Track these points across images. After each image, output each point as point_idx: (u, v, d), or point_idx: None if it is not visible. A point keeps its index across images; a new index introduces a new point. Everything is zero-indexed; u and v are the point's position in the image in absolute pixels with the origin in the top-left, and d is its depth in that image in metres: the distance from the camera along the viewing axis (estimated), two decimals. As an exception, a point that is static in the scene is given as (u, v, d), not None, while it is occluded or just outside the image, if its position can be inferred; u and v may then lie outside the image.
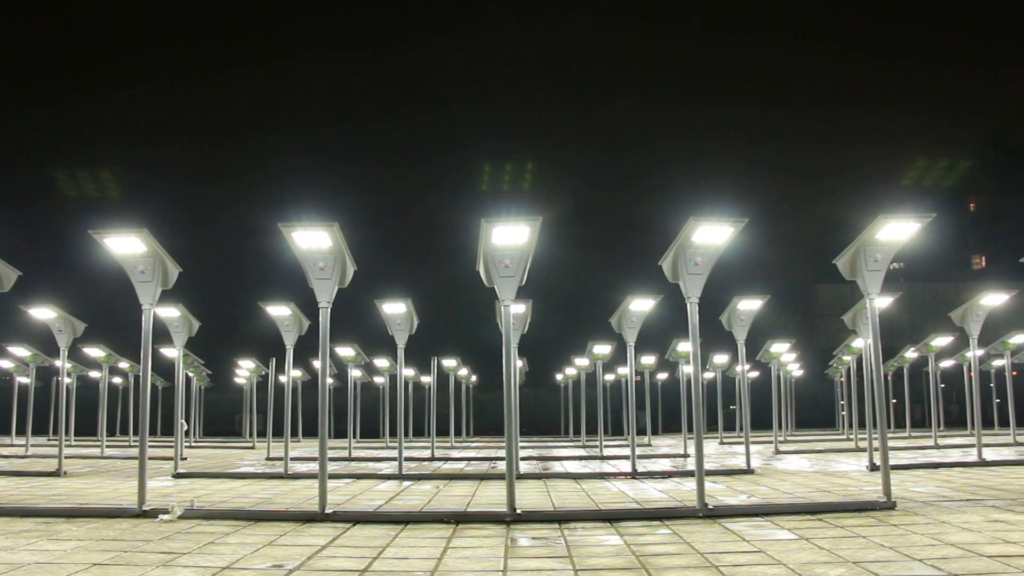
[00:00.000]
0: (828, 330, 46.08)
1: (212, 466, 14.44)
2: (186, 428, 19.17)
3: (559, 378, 28.56)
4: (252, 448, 21.32)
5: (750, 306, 11.80)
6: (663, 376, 27.41)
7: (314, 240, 7.44)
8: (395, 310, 11.50)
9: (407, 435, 23.72)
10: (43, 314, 11.71)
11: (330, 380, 21.20)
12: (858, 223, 8.04)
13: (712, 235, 7.47)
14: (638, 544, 5.83)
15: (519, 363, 17.96)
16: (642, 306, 11.28)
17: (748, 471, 11.72)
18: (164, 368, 22.73)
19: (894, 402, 26.73)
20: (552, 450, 19.33)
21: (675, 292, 7.90)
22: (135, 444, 20.82)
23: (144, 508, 7.34)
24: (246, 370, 23.63)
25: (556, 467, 13.51)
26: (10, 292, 8.58)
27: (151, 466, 9.99)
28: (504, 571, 5.03)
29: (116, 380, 26.47)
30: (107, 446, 19.21)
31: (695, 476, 7.38)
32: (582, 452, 17.94)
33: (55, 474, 11.97)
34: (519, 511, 7.09)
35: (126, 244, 7.63)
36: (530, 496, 9.02)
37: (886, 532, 6.13)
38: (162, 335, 12.18)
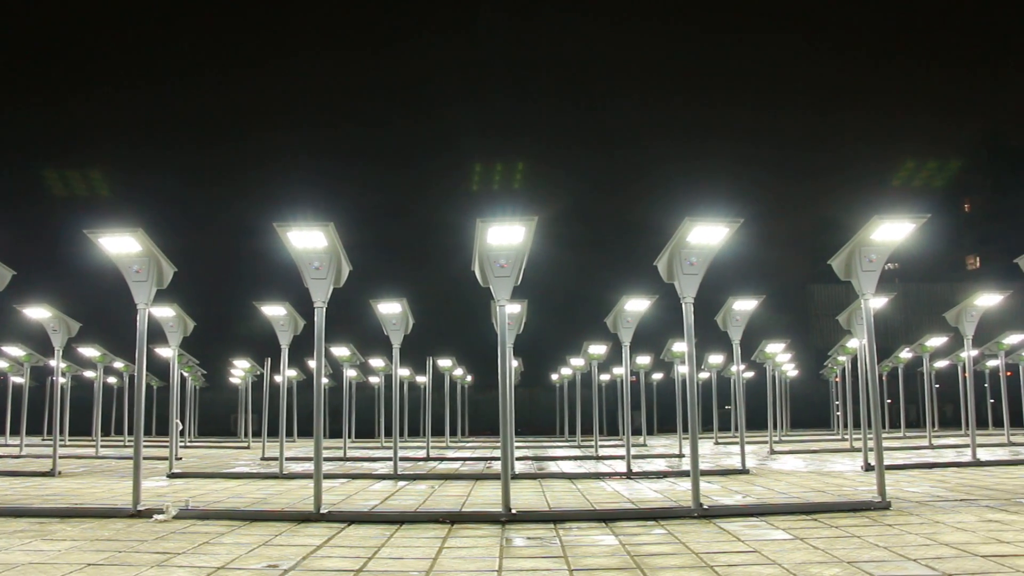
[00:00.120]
0: (823, 330, 46.23)
1: (207, 466, 14.42)
2: (181, 428, 19.13)
3: (554, 378, 28.57)
4: (247, 448, 21.30)
5: (745, 306, 11.82)
6: (658, 376, 27.42)
7: (309, 240, 7.43)
8: (390, 310, 11.49)
9: (402, 435, 23.66)
10: (38, 314, 11.67)
11: (325, 380, 21.22)
12: (853, 223, 8.06)
13: (707, 235, 7.49)
14: (633, 544, 5.83)
15: (514, 363, 17.99)
16: (637, 306, 11.29)
17: (743, 471, 11.74)
18: (159, 368, 22.63)
19: (889, 402, 26.75)
20: (547, 450, 19.33)
21: (670, 292, 7.91)
22: (130, 444, 20.82)
23: (139, 508, 7.33)
24: (241, 370, 23.65)
25: (551, 467, 13.51)
26: (4, 292, 8.57)
27: (146, 466, 9.99)
28: (499, 571, 5.03)
29: (111, 380, 26.44)
30: (102, 446, 19.16)
31: (690, 476, 7.40)
32: (577, 452, 17.94)
33: (50, 474, 11.94)
34: (514, 511, 7.09)
35: (121, 244, 7.62)
36: (525, 496, 9.02)
37: (881, 532, 6.14)
38: (157, 335, 12.15)
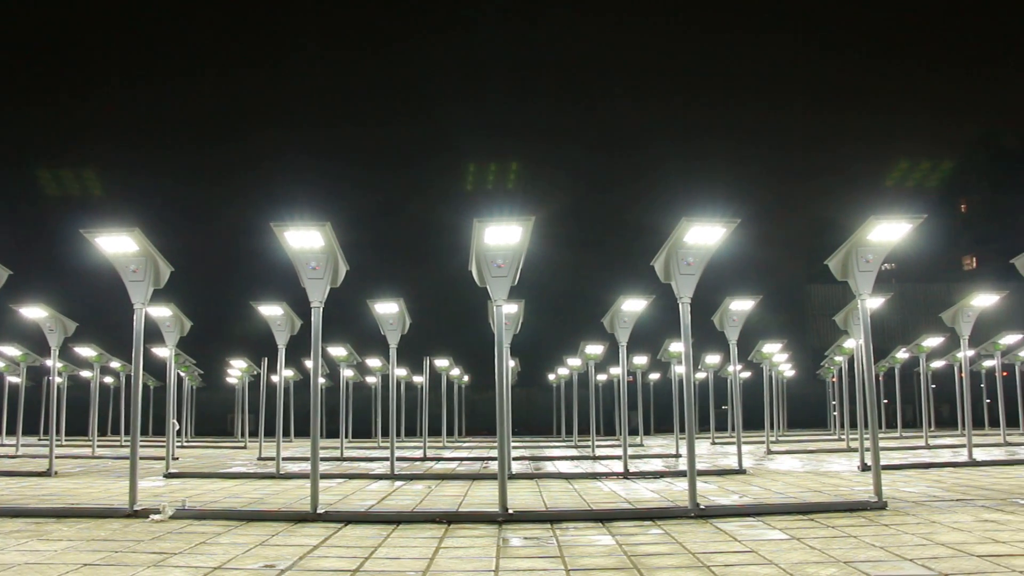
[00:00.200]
0: (820, 330, 46.26)
1: (204, 466, 14.41)
2: (178, 428, 19.09)
3: (551, 378, 28.58)
4: (244, 448, 21.29)
5: (742, 306, 11.84)
6: (655, 376, 27.45)
7: (306, 240, 7.43)
8: (387, 310, 11.50)
9: (399, 435, 23.67)
10: (34, 313, 11.66)
11: (322, 380, 21.20)
12: (850, 224, 8.07)
13: (704, 235, 7.49)
14: (630, 544, 5.84)
15: (511, 363, 17.98)
16: (634, 306, 11.30)
17: (740, 471, 11.75)
18: (156, 368, 22.67)
19: (885, 402, 26.79)
20: (544, 450, 19.34)
21: (667, 292, 7.91)
22: (126, 444, 20.78)
23: (135, 508, 7.32)
24: (238, 370, 23.62)
25: (548, 467, 13.52)
26: (1, 291, 8.57)
27: (142, 466, 9.98)
28: (496, 571, 5.03)
29: (107, 380, 26.42)
30: (98, 446, 19.14)
31: (687, 476, 7.40)
32: (574, 452, 17.94)
33: (46, 474, 11.93)
34: (511, 511, 7.09)
35: (118, 243, 7.61)
36: (522, 496, 9.02)
37: (877, 532, 6.15)
38: (154, 335, 12.14)
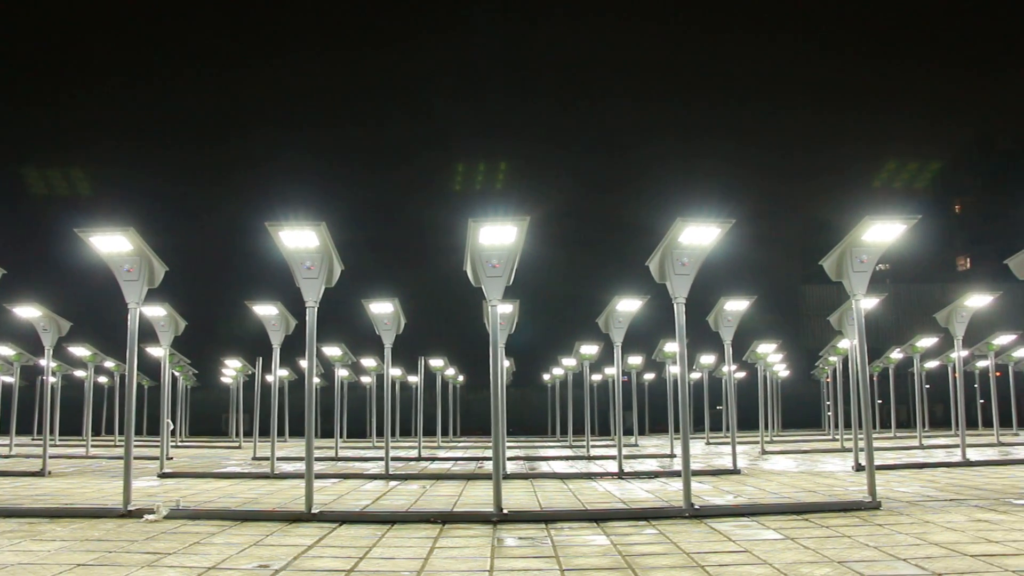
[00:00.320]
0: (814, 331, 46.30)
1: (198, 466, 14.39)
2: (172, 428, 19.07)
3: (546, 378, 28.57)
4: (238, 448, 21.25)
5: (737, 307, 11.84)
6: (650, 376, 27.47)
7: (301, 239, 7.42)
8: (382, 310, 11.49)
9: (394, 435, 23.64)
10: (28, 313, 11.63)
11: (317, 380, 21.14)
12: (844, 224, 8.08)
13: (699, 236, 7.50)
14: (625, 544, 5.84)
15: (506, 363, 17.97)
16: (629, 306, 11.30)
17: (734, 471, 11.76)
18: (150, 367, 22.64)
19: (879, 403, 26.85)
20: (539, 450, 19.34)
21: (662, 292, 7.92)
22: (120, 444, 20.71)
23: (129, 508, 7.31)
24: (232, 369, 23.53)
25: (543, 467, 13.52)
26: (-5, 290, 8.54)
27: (137, 466, 9.94)
28: (490, 571, 5.03)
29: (101, 379, 26.33)
30: (92, 446, 19.11)
31: (681, 476, 7.41)
32: (569, 452, 17.95)
33: (39, 474, 11.90)
34: (506, 511, 7.09)
35: (112, 243, 7.59)
36: (517, 496, 9.02)
37: (871, 532, 6.16)
38: (148, 334, 12.13)
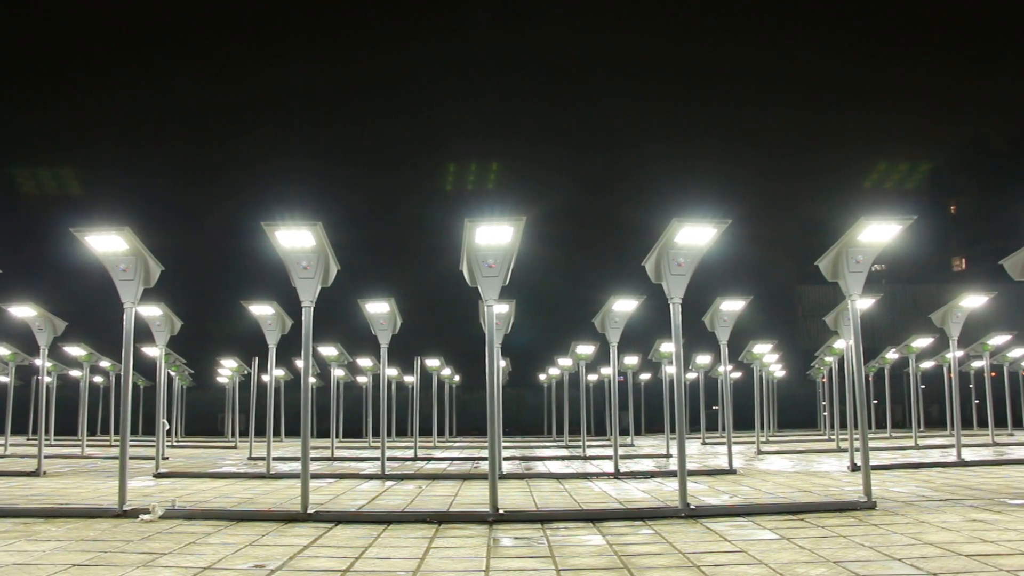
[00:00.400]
0: (810, 331, 46.38)
1: (194, 466, 14.37)
2: (168, 427, 19.04)
3: (542, 378, 28.59)
4: (234, 448, 21.24)
5: (733, 307, 11.85)
6: (646, 376, 27.46)
7: (297, 239, 7.41)
8: (378, 310, 11.48)
9: (390, 435, 23.59)
10: (23, 312, 11.60)
11: (313, 380, 21.14)
12: (840, 225, 8.09)
13: (695, 236, 7.50)
14: (620, 544, 5.84)
15: (502, 363, 17.98)
16: (625, 307, 11.30)
17: (730, 471, 11.76)
18: (146, 367, 22.53)
19: (875, 403, 26.87)
20: (535, 450, 19.34)
21: (658, 293, 7.92)
22: (116, 444, 20.71)
23: (125, 508, 7.29)
24: (228, 369, 23.54)
25: (539, 467, 13.52)
26: (-11, 290, 8.52)
27: (132, 466, 9.94)
28: (486, 571, 5.03)
29: (97, 379, 26.30)
30: (88, 446, 19.07)
31: (677, 476, 7.41)
32: (565, 452, 17.95)
33: (34, 474, 11.87)
34: (502, 511, 7.09)
35: (108, 242, 7.58)
36: (513, 496, 9.02)
37: (866, 532, 6.17)
38: (144, 334, 12.10)
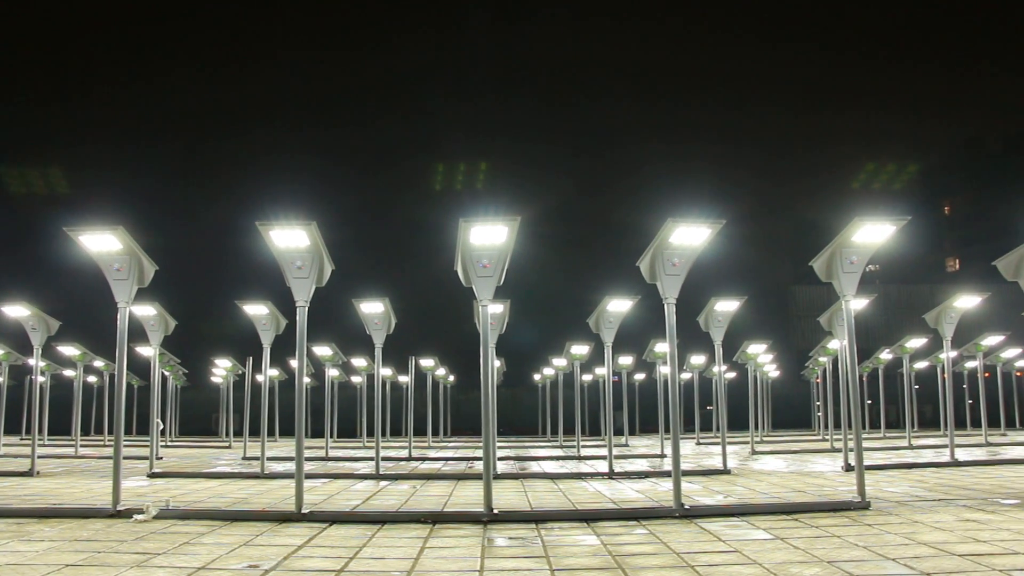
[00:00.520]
0: (804, 331, 46.42)
1: (188, 466, 14.34)
2: (162, 427, 19.00)
3: (537, 378, 28.57)
4: (228, 448, 21.19)
5: (727, 307, 11.87)
6: (640, 376, 27.48)
7: (292, 239, 7.40)
8: (373, 309, 11.47)
9: (384, 435, 23.64)
10: (16, 312, 11.56)
11: (307, 379, 21.13)
12: (835, 225, 8.11)
13: (690, 236, 7.51)
14: (615, 544, 5.85)
15: (497, 363, 17.98)
16: (620, 307, 11.31)
17: (724, 471, 11.78)
18: (140, 367, 22.57)
19: (869, 403, 26.94)
20: (529, 450, 19.34)
21: (653, 293, 7.93)
22: (110, 443, 20.62)
23: (118, 508, 7.28)
24: (223, 369, 23.46)
25: (533, 467, 13.52)
26: (-17, 289, 8.49)
27: (126, 466, 9.91)
28: (481, 571, 5.03)
29: (91, 379, 26.22)
30: (81, 445, 19.02)
31: (672, 476, 7.42)
32: (559, 452, 17.95)
33: (28, 474, 11.84)
34: (496, 511, 7.09)
35: (102, 242, 7.56)
36: (507, 496, 9.03)
37: (860, 532, 6.18)
38: (138, 334, 12.08)
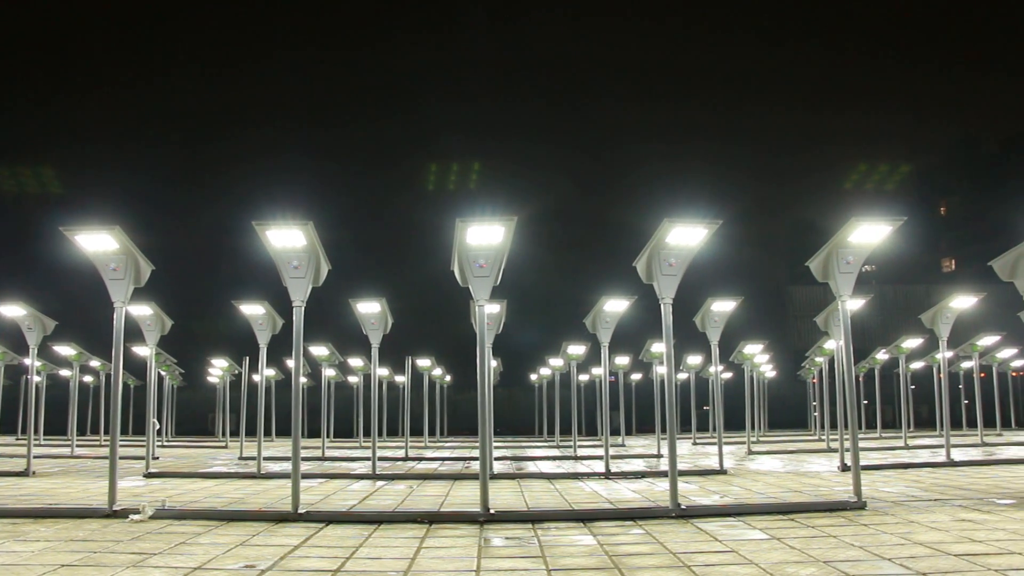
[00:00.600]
0: (801, 331, 46.50)
1: (184, 466, 14.32)
2: (158, 427, 18.98)
3: (533, 378, 28.56)
4: (225, 447, 21.17)
5: (724, 307, 11.86)
6: (637, 376, 27.49)
7: (288, 239, 7.39)
8: (369, 309, 11.46)
9: (381, 435, 23.59)
10: (12, 311, 11.55)
11: (304, 379, 21.08)
12: (831, 226, 8.12)
13: (686, 236, 7.51)
14: (611, 544, 5.85)
15: (493, 363, 17.97)
16: (616, 307, 11.31)
17: (721, 471, 11.79)
18: (136, 367, 22.49)
19: (865, 403, 26.97)
20: (526, 450, 19.34)
21: (649, 293, 7.93)
22: (106, 443, 20.62)
23: (115, 508, 7.26)
24: (219, 369, 23.44)
25: (530, 467, 13.52)
26: (-22, 289, 8.48)
27: (122, 466, 9.89)
28: (477, 571, 5.03)
29: (87, 379, 26.17)
30: (77, 445, 18.98)
31: (668, 476, 7.42)
32: (556, 452, 17.96)
33: (24, 474, 11.81)
34: (493, 511, 7.09)
35: (98, 241, 7.55)
36: (504, 496, 9.02)
37: (856, 532, 6.19)
38: (134, 333, 12.06)
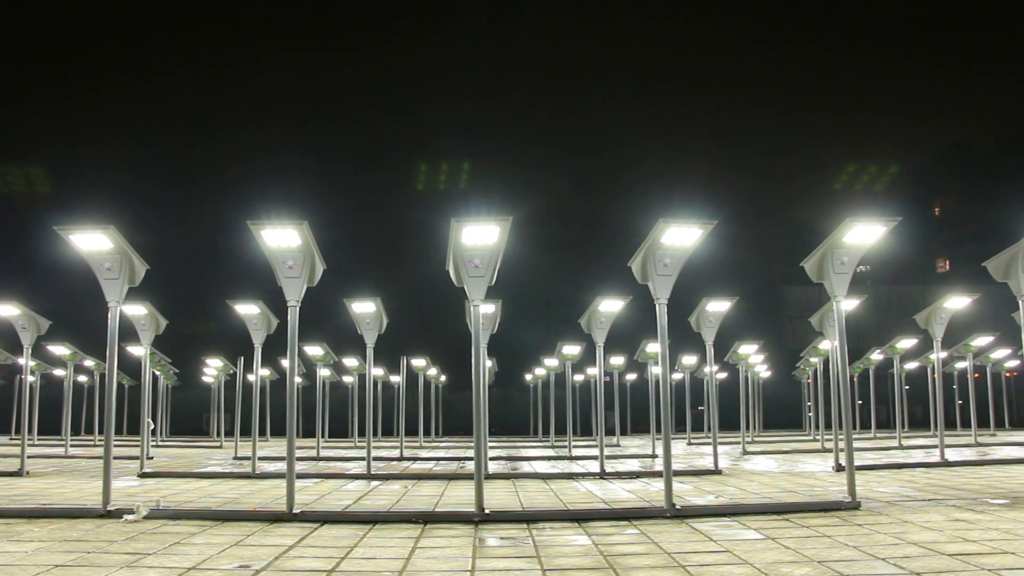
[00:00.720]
0: (795, 332, 46.59)
1: (179, 466, 14.30)
2: (152, 427, 18.94)
3: (528, 378, 28.58)
4: (220, 447, 21.15)
5: (718, 308, 11.89)
6: (632, 377, 27.51)
7: (283, 238, 7.39)
8: (364, 309, 11.45)
9: (376, 435, 23.53)
10: (6, 311, 11.53)
11: (298, 379, 21.06)
12: (826, 226, 8.14)
13: (681, 237, 7.52)
14: (606, 544, 5.85)
15: (488, 363, 17.97)
16: (611, 307, 11.32)
17: (716, 471, 11.80)
18: (130, 366, 22.44)
19: (860, 403, 27.00)
20: (521, 450, 19.34)
21: (644, 293, 7.94)
22: (100, 443, 20.57)
23: (109, 508, 7.25)
24: (214, 369, 23.44)
25: (525, 467, 13.52)
26: (-28, 289, 8.45)
27: (116, 466, 9.89)
28: (472, 571, 5.03)
29: (81, 378, 26.14)
30: (71, 445, 18.93)
31: (663, 476, 7.43)
32: (551, 452, 17.96)
33: (17, 474, 11.79)
34: (487, 511, 7.09)
35: (92, 241, 7.53)
36: (499, 496, 9.03)
37: (851, 532, 6.20)
38: (129, 333, 12.03)
